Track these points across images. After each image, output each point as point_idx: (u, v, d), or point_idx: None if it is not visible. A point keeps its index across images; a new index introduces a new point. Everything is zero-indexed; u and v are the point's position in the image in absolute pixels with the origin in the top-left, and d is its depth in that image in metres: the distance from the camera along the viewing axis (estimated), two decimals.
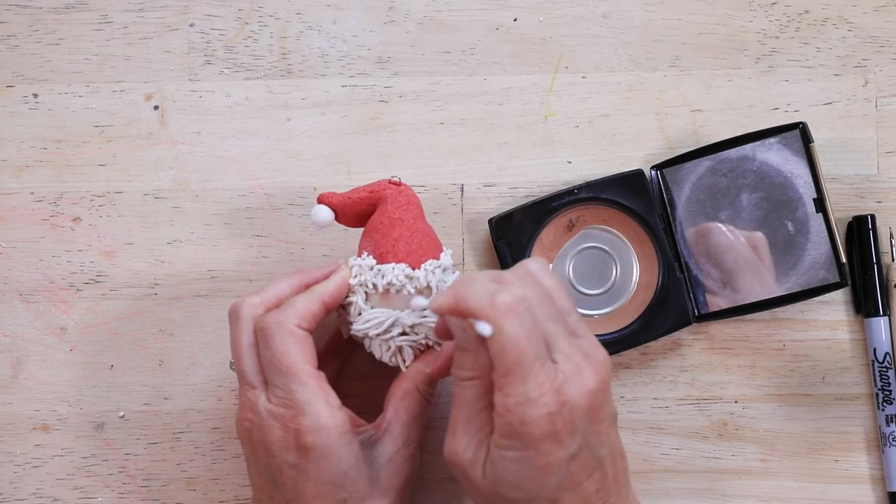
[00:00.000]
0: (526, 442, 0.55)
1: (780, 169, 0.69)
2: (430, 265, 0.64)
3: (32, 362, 0.71)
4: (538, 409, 0.54)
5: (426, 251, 0.64)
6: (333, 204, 0.65)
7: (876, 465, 0.71)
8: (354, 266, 0.64)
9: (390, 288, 0.63)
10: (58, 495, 0.71)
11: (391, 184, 0.65)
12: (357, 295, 0.64)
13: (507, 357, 0.54)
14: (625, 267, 0.71)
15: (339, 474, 0.60)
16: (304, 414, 0.59)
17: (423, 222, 0.66)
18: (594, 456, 0.56)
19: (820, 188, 0.68)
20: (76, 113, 0.72)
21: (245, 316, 0.62)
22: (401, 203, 0.65)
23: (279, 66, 0.72)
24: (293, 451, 0.60)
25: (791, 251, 0.69)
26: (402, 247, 0.64)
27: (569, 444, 0.55)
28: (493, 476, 0.56)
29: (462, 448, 0.57)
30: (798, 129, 0.68)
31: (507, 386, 0.54)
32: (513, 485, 0.56)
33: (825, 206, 0.68)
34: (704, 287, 0.70)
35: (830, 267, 0.68)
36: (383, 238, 0.64)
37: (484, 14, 0.72)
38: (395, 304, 0.64)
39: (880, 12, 0.72)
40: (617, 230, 0.70)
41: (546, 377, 0.54)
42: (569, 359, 0.56)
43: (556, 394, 0.54)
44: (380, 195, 0.65)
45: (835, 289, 0.68)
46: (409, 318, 0.63)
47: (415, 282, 0.63)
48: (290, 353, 0.60)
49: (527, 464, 0.55)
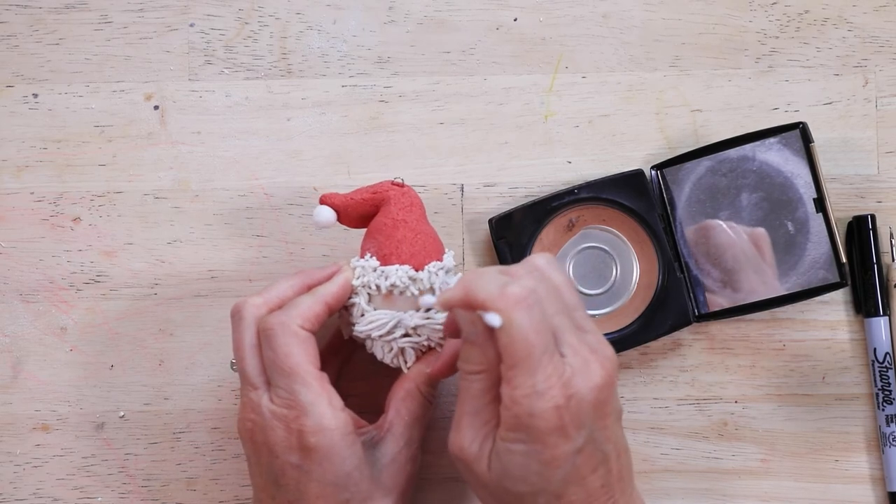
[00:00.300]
0: (533, 435, 0.54)
1: (780, 169, 0.69)
2: (433, 267, 0.64)
3: (32, 362, 0.71)
4: (546, 401, 0.54)
5: (429, 253, 0.64)
6: (336, 205, 0.65)
7: (876, 465, 0.71)
8: (357, 267, 0.64)
9: (394, 290, 0.63)
10: (58, 495, 0.71)
11: (394, 185, 0.65)
12: (360, 296, 0.64)
13: (515, 349, 0.54)
14: (625, 267, 0.71)
15: (341, 475, 0.60)
16: (307, 415, 0.59)
17: (426, 224, 0.66)
18: (600, 451, 0.56)
19: (820, 188, 0.68)
20: (76, 113, 0.72)
21: (248, 316, 0.62)
22: (404, 205, 0.65)
23: (279, 66, 0.72)
24: (296, 452, 0.60)
25: (791, 251, 0.69)
26: (406, 248, 0.64)
27: (575, 437, 0.55)
28: (499, 469, 0.56)
29: (468, 442, 0.57)
30: (798, 129, 0.68)
31: (515, 378, 0.54)
32: (518, 478, 0.55)
33: (825, 206, 0.68)
34: (704, 287, 0.70)
35: (830, 267, 0.68)
36: (387, 240, 0.64)
37: (484, 14, 0.72)
38: (398, 305, 0.64)
39: (880, 12, 0.72)
40: (617, 230, 0.70)
41: (554, 370, 0.54)
42: (576, 353, 0.55)
43: (563, 387, 0.54)
44: (383, 196, 0.65)
45: (835, 289, 0.68)
46: (411, 320, 0.63)
47: (418, 283, 0.63)
48: (293, 353, 0.60)
49: (533, 457, 0.55)
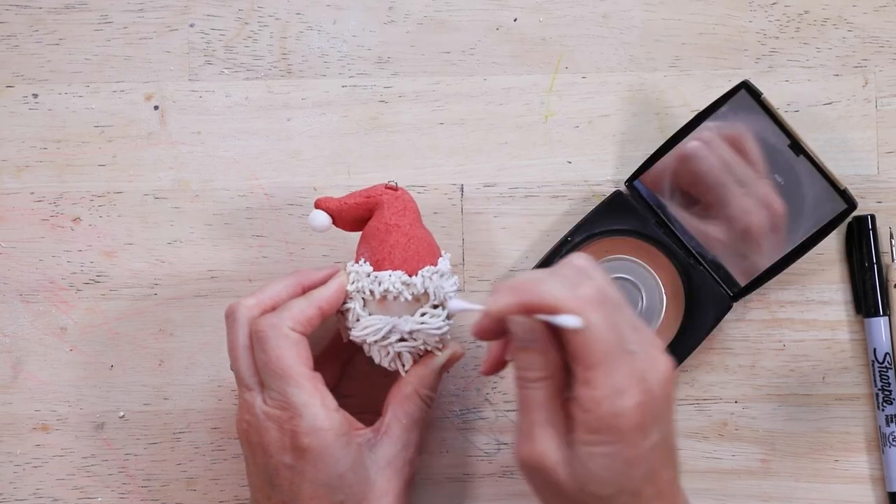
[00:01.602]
0: (616, 435, 0.54)
1: (744, 132, 0.68)
2: (427, 272, 0.64)
3: (32, 362, 0.71)
4: (627, 399, 0.53)
5: (423, 257, 0.64)
6: (330, 209, 0.65)
7: (876, 465, 0.71)
8: (352, 273, 0.64)
9: (387, 295, 0.63)
10: (58, 495, 0.71)
11: (388, 188, 0.65)
12: (355, 301, 0.64)
13: (593, 349, 0.53)
14: (647, 285, 0.70)
15: (335, 476, 0.60)
16: (301, 416, 0.59)
17: (421, 227, 0.66)
18: (669, 445, 0.56)
19: (789, 133, 0.67)
20: (76, 113, 0.72)
21: (241, 318, 0.62)
22: (397, 209, 0.65)
23: (279, 66, 0.72)
24: (289, 453, 0.60)
25: (790, 200, 0.68)
26: (399, 253, 0.64)
27: (652, 433, 0.54)
28: (583, 474, 0.55)
29: (549, 450, 0.55)
30: (742, 88, 0.68)
31: (595, 379, 0.53)
32: (603, 480, 0.54)
33: (802, 147, 0.67)
34: (727, 267, 0.69)
35: (833, 198, 0.67)
36: (380, 245, 0.64)
37: (484, 14, 0.72)
38: (393, 310, 0.64)
39: (880, 12, 0.72)
40: (625, 255, 0.70)
41: (630, 368, 0.54)
42: (642, 348, 0.55)
43: (640, 383, 0.54)
44: (376, 201, 0.65)
45: (847, 215, 0.67)
46: (406, 325, 0.63)
47: (411, 288, 0.63)
48: (284, 356, 0.60)
49: (617, 457, 0.54)
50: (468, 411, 0.71)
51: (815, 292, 0.71)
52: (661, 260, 0.70)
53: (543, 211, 0.72)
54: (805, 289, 0.71)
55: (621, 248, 0.70)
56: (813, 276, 0.72)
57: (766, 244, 0.69)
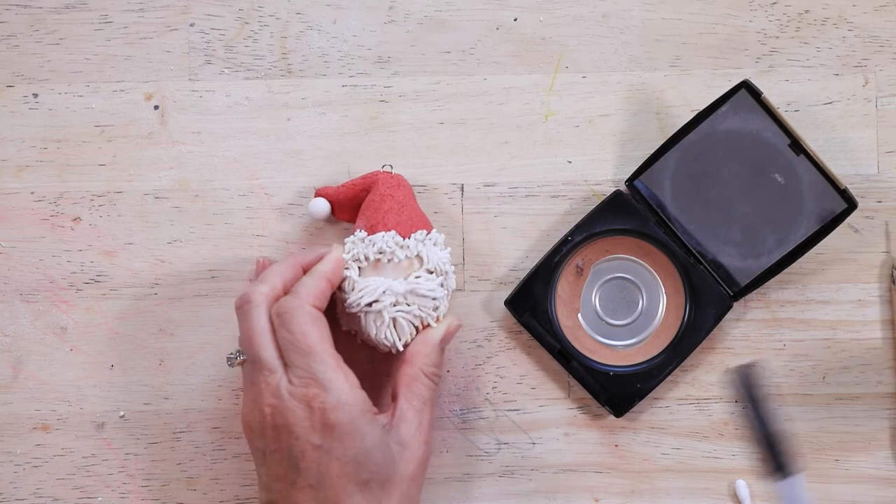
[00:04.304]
0: None
1: (744, 132, 0.68)
2: (419, 235, 0.66)
3: (32, 362, 0.71)
4: None
5: (415, 223, 0.66)
6: (329, 195, 0.69)
7: (876, 465, 0.71)
8: (347, 242, 0.66)
9: (381, 257, 0.65)
10: (58, 495, 0.71)
11: (383, 172, 0.69)
12: (351, 269, 0.65)
13: None
14: (647, 284, 0.70)
15: (362, 451, 0.60)
16: (328, 391, 0.60)
17: (414, 202, 0.68)
18: None
19: (789, 132, 0.68)
20: (76, 113, 0.72)
21: (259, 303, 0.62)
22: (391, 184, 0.68)
23: (279, 65, 0.72)
24: (317, 432, 0.60)
25: (791, 199, 0.68)
26: (392, 218, 0.66)
27: None
28: None
29: None
30: (743, 88, 0.68)
31: None
32: None
33: (802, 146, 0.68)
34: (727, 266, 0.69)
35: (834, 197, 0.68)
36: (374, 212, 0.66)
37: (484, 14, 0.72)
38: (388, 273, 0.65)
39: (880, 12, 0.72)
40: (625, 255, 0.70)
41: None
42: None
43: None
44: (372, 180, 0.68)
45: (847, 215, 0.68)
46: (400, 286, 0.64)
47: (405, 250, 0.65)
48: (310, 333, 0.61)
49: None
50: (468, 411, 0.71)
51: (815, 292, 0.72)
52: (661, 259, 0.70)
53: (543, 211, 0.72)
54: (805, 289, 0.71)
55: (621, 248, 0.70)
56: (813, 276, 0.72)
57: (766, 245, 0.69)
